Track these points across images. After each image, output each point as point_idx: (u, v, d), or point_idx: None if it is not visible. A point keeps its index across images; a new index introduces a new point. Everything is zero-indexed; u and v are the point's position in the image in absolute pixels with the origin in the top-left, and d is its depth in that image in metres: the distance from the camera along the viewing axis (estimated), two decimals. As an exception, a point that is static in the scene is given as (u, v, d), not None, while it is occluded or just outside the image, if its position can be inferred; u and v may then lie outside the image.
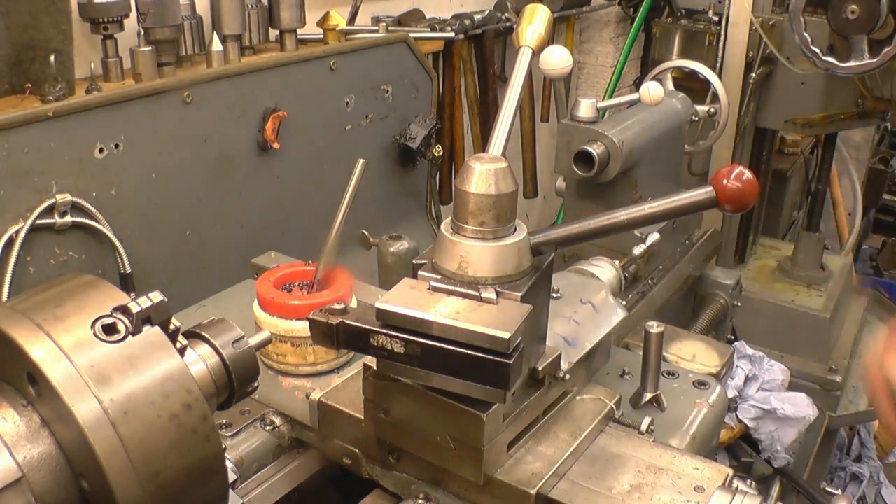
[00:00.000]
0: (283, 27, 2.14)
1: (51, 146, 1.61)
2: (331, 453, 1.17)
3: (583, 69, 3.84)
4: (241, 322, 0.87)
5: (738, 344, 2.12)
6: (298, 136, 2.14)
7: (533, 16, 1.24)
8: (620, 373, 1.33)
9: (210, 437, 0.74)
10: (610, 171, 1.97)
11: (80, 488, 0.71)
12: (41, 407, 0.71)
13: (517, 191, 0.99)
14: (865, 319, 3.39)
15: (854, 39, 2.57)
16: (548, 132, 3.51)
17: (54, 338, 0.70)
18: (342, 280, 1.30)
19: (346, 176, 1.25)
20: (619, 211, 1.04)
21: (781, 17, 2.94)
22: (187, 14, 1.97)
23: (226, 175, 1.99)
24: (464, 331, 0.91)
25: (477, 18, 2.85)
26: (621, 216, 1.03)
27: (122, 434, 0.68)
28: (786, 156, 3.92)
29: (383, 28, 2.38)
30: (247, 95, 1.99)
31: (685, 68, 2.48)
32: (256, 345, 0.87)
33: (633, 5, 3.53)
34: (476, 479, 0.99)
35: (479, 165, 0.96)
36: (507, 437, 1.02)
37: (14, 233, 1.58)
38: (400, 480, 1.10)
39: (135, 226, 1.80)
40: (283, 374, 1.29)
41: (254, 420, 1.21)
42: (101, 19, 1.77)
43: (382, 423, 1.04)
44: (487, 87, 2.99)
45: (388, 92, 2.41)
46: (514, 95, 1.17)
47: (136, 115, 1.76)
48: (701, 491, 1.01)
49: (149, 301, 0.74)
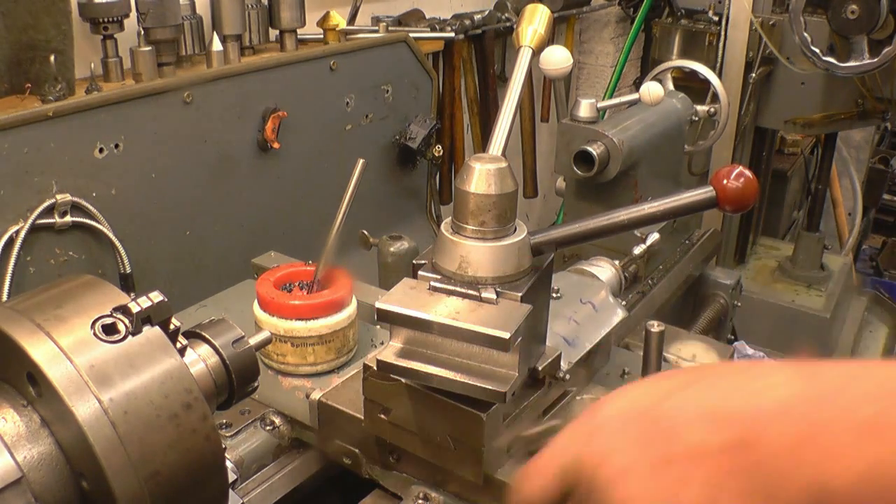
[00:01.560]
0: (283, 27, 2.14)
1: (51, 146, 1.61)
2: (331, 453, 1.17)
3: (583, 69, 3.84)
4: (241, 322, 0.87)
5: (738, 344, 2.12)
6: (298, 136, 2.14)
7: (533, 16, 1.24)
8: (620, 373, 1.33)
9: (210, 436, 0.74)
10: (610, 171, 1.97)
11: (80, 488, 0.71)
12: (41, 407, 0.71)
13: (517, 191, 0.99)
14: (865, 319, 3.39)
15: (854, 39, 2.57)
16: (548, 132, 3.51)
17: (54, 338, 0.70)
18: (342, 280, 1.30)
19: (346, 176, 1.25)
20: (620, 211, 1.04)
21: (781, 17, 2.94)
22: (187, 14, 1.97)
23: (226, 175, 1.99)
24: (464, 331, 0.91)
25: (477, 18, 2.85)
26: (621, 216, 1.03)
27: (122, 434, 0.68)
28: (786, 156, 3.92)
29: (383, 28, 2.38)
30: (247, 95, 1.99)
31: (685, 68, 2.48)
32: (256, 345, 0.87)
33: (633, 5, 3.53)
34: (476, 479, 0.99)
35: (479, 165, 0.96)
36: (507, 437, 1.02)
37: (14, 233, 1.58)
38: (400, 480, 1.10)
39: (135, 226, 1.80)
40: (283, 374, 1.29)
41: (254, 420, 1.21)
42: (101, 19, 1.77)
43: (382, 423, 1.04)
44: (487, 87, 2.99)
45: (388, 92, 2.41)
46: (514, 95, 1.16)
47: (136, 115, 1.76)
48: (701, 491, 1.01)
49: (149, 301, 0.74)
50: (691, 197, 1.00)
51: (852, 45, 2.58)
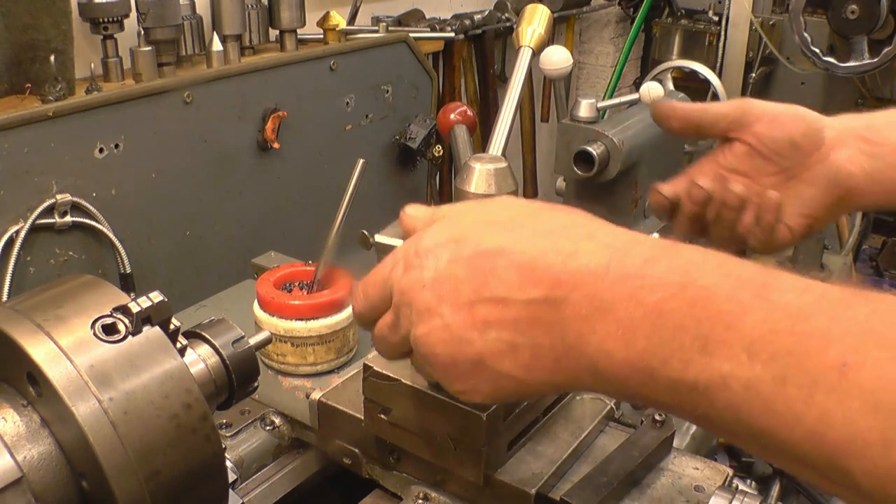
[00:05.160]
0: (283, 27, 2.14)
1: (51, 146, 1.61)
2: (331, 453, 1.17)
3: (583, 69, 3.84)
4: (241, 322, 0.87)
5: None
6: (298, 136, 2.14)
7: (533, 16, 1.24)
8: (620, 373, 1.32)
9: (210, 436, 0.74)
10: (610, 171, 1.97)
11: (80, 488, 0.71)
12: (41, 407, 0.71)
13: (517, 191, 0.99)
14: (865, 319, 3.38)
15: (854, 39, 2.58)
16: (548, 132, 3.51)
17: (54, 338, 0.70)
18: (342, 280, 1.30)
19: (346, 176, 1.25)
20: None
21: (781, 17, 2.94)
22: (187, 14, 1.97)
23: (226, 175, 1.99)
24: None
25: (477, 18, 2.85)
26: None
27: (122, 434, 0.68)
28: (786, 156, 3.91)
29: (383, 28, 2.38)
30: (247, 95, 1.99)
31: (685, 68, 2.48)
32: (256, 345, 0.87)
33: (633, 5, 3.53)
34: (476, 479, 0.99)
35: (479, 165, 0.96)
36: (507, 437, 1.02)
37: (14, 233, 1.58)
38: (400, 480, 1.10)
39: (135, 226, 1.80)
40: (283, 374, 1.29)
41: (254, 420, 1.21)
42: (101, 19, 1.77)
43: (382, 423, 1.03)
44: (487, 87, 2.99)
45: (388, 92, 2.41)
46: (514, 95, 1.17)
47: (136, 115, 1.76)
48: (701, 491, 1.01)
49: (149, 301, 0.74)
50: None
51: (852, 45, 2.58)
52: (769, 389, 0.53)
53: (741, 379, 0.55)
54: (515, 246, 0.67)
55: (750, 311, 0.56)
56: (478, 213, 0.73)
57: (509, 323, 0.66)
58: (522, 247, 0.67)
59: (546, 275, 0.65)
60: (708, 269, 0.60)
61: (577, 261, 0.64)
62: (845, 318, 0.53)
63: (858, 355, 0.51)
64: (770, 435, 0.54)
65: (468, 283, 0.68)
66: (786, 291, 0.56)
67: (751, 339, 0.55)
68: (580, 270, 0.64)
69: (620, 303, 0.61)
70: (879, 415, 0.49)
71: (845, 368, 0.51)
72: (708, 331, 0.57)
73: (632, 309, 0.61)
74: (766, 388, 0.54)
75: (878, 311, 0.53)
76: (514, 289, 0.66)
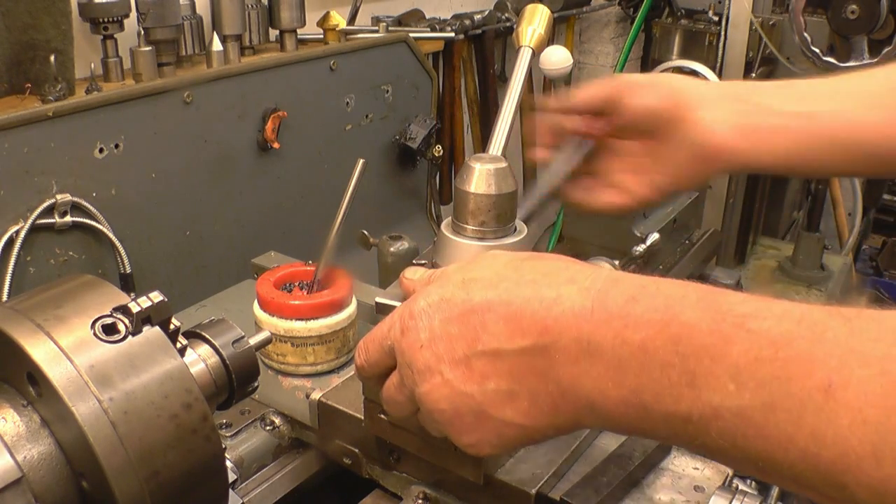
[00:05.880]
0: (283, 27, 2.14)
1: (51, 146, 1.61)
2: (331, 453, 1.17)
3: (583, 69, 3.84)
4: (241, 322, 0.87)
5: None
6: (298, 136, 2.14)
7: (533, 16, 1.24)
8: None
9: (210, 437, 0.74)
10: (610, 171, 1.97)
11: (80, 488, 0.71)
12: (41, 407, 0.71)
13: (517, 191, 0.99)
14: (865, 319, 3.38)
15: (854, 39, 2.58)
16: (548, 132, 3.50)
17: (54, 338, 0.70)
18: (342, 280, 1.30)
19: (346, 176, 1.25)
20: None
21: (781, 17, 2.94)
22: (187, 14, 1.97)
23: (226, 175, 1.99)
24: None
25: (477, 18, 2.85)
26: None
27: (122, 433, 0.68)
28: (786, 156, 3.91)
29: (383, 28, 2.38)
30: (247, 95, 1.99)
31: (685, 68, 2.48)
32: (256, 345, 0.87)
33: (633, 5, 3.53)
34: (476, 479, 0.99)
35: (479, 165, 0.96)
36: (507, 437, 1.02)
37: (14, 233, 1.57)
38: (400, 480, 1.10)
39: (135, 226, 1.80)
40: (283, 374, 1.29)
41: (254, 420, 1.21)
42: (101, 19, 1.76)
43: (382, 423, 1.04)
44: (487, 87, 2.99)
45: (388, 92, 2.41)
46: (514, 95, 1.17)
47: (136, 115, 1.76)
48: (701, 491, 1.01)
49: (149, 301, 0.74)
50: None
51: (852, 45, 2.58)
52: (759, 416, 0.55)
53: (731, 408, 0.57)
54: (501, 298, 0.70)
55: (733, 341, 0.58)
56: (465, 272, 0.76)
57: (505, 373, 0.69)
58: (508, 298, 0.70)
59: (532, 323, 0.68)
60: (688, 305, 0.62)
61: (560, 306, 0.67)
62: (826, 339, 0.55)
63: (842, 375, 0.52)
64: (765, 459, 0.56)
65: (462, 340, 0.71)
66: (764, 319, 0.58)
67: (737, 369, 0.57)
68: (564, 314, 0.67)
69: (607, 343, 0.64)
70: (868, 429, 0.51)
71: (831, 389, 0.52)
72: (694, 365, 0.59)
73: (618, 348, 0.63)
74: (757, 414, 0.55)
75: (856, 329, 0.55)
76: (505, 340, 0.69)
